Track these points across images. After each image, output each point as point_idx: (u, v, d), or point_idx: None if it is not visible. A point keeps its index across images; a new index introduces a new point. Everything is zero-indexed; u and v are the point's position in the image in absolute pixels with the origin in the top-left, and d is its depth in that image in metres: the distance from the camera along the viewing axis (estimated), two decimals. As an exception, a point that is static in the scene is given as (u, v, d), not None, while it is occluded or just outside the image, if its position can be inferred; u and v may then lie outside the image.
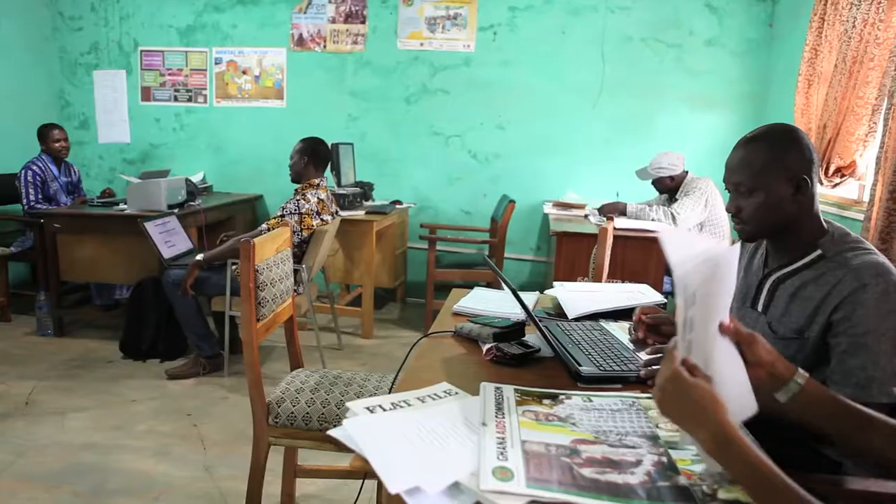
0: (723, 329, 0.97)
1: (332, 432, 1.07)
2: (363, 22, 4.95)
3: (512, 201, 4.34)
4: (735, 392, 0.95)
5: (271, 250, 2.00)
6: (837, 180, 3.40)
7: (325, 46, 5.01)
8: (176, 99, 5.22)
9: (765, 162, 1.31)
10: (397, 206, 4.54)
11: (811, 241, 1.33)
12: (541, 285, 4.68)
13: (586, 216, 4.05)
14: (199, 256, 3.25)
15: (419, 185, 5.01)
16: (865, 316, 1.21)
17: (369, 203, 4.47)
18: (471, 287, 2.12)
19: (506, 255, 4.73)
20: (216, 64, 5.14)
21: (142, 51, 5.18)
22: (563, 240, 3.45)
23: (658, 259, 3.40)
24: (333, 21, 4.98)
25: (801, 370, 1.04)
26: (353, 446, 1.01)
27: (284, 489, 2.21)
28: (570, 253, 3.41)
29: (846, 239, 1.31)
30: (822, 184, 3.47)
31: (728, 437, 0.85)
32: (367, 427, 1.06)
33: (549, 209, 4.29)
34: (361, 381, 2.00)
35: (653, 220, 3.71)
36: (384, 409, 1.14)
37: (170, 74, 5.20)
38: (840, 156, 3.29)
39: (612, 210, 3.88)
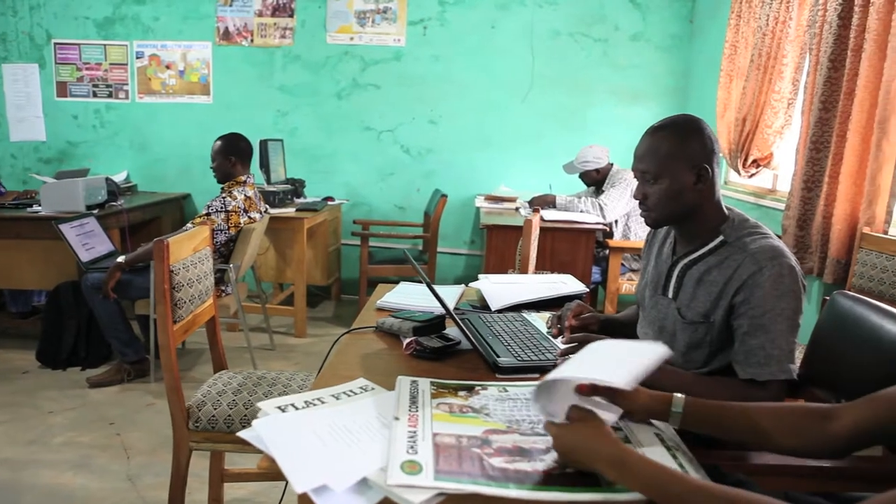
0: (580, 391, 1.04)
1: (242, 433, 1.04)
2: (291, 15, 4.85)
3: (444, 195, 4.35)
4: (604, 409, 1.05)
5: (188, 250, 1.94)
6: (754, 171, 3.55)
7: (252, 40, 4.89)
8: (95, 95, 5.00)
9: (669, 150, 1.34)
10: (329, 203, 4.49)
11: (714, 227, 1.38)
12: (474, 279, 4.70)
13: (517, 209, 4.10)
14: (120, 259, 3.12)
15: (352, 181, 4.96)
16: (763, 297, 1.26)
17: (301, 200, 4.40)
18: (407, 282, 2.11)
19: (440, 249, 4.74)
20: (137, 58, 4.95)
21: (55, 43, 4.93)
22: (493, 233, 3.48)
23: (586, 250, 3.47)
24: (260, 14, 4.86)
25: (676, 397, 1.08)
26: (262, 446, 0.99)
27: (211, 494, 2.15)
28: (499, 245, 3.44)
29: (745, 224, 1.37)
30: (739, 174, 3.62)
31: (621, 456, 0.91)
32: (276, 427, 1.04)
33: (480, 203, 4.32)
34: (286, 381, 1.96)
35: (581, 211, 3.79)
36: (296, 408, 1.12)
37: (87, 69, 4.97)
38: (758, 148, 3.43)
39: (541, 202, 3.94)
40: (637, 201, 1.43)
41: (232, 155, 3.32)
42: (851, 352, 1.44)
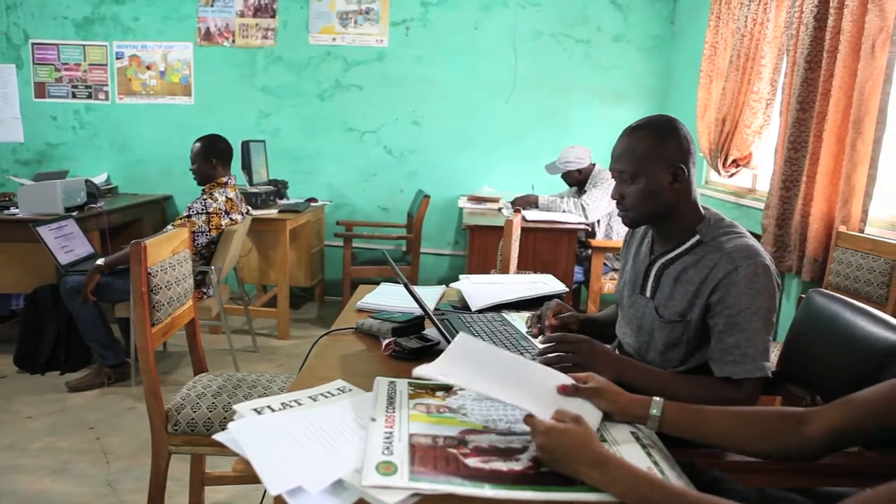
0: (561, 391, 1.09)
1: (218, 436, 1.04)
2: (273, 16, 4.83)
3: (427, 196, 4.35)
4: (588, 414, 1.07)
5: (167, 252, 1.92)
6: (734, 170, 3.58)
7: (233, 41, 4.86)
8: (74, 95, 4.94)
9: (645, 151, 1.35)
10: (312, 204, 4.47)
11: (690, 227, 1.39)
12: (458, 279, 4.70)
13: (500, 209, 4.10)
14: (100, 261, 3.09)
15: (335, 182, 4.95)
16: (738, 296, 1.28)
17: (283, 201, 4.38)
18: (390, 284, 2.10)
19: (424, 249, 4.74)
20: (117, 59, 4.90)
21: (33, 44, 4.87)
22: (476, 233, 3.48)
23: (569, 249, 3.49)
24: (242, 15, 4.84)
25: (654, 400, 1.10)
26: (237, 449, 0.99)
27: (192, 498, 2.13)
28: (482, 246, 3.44)
29: (721, 224, 1.38)
30: (719, 174, 3.65)
31: (602, 460, 0.92)
32: (252, 429, 1.03)
33: (463, 203, 4.32)
34: (266, 384, 1.95)
35: (564, 211, 3.81)
36: (273, 410, 1.11)
37: (66, 69, 4.91)
38: (737, 148, 3.47)
39: (524, 202, 3.95)
40: (613, 199, 1.44)
41: (212, 157, 3.29)
42: (826, 349, 1.46)
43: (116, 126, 4.96)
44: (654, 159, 1.35)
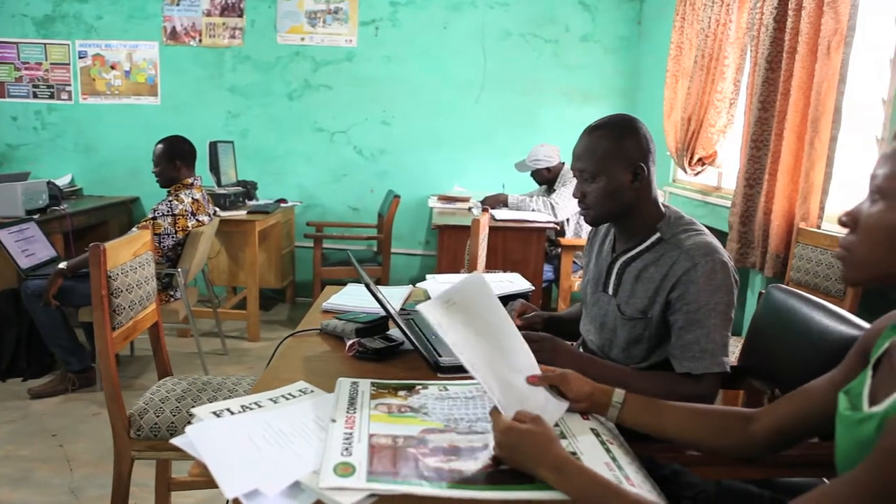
0: (530, 382, 1.11)
1: (175, 440, 1.02)
2: (240, 15, 4.78)
3: (397, 196, 4.34)
4: (552, 408, 1.10)
5: (128, 254, 1.89)
6: (700, 168, 3.63)
7: (200, 41, 4.79)
8: (35, 95, 4.83)
9: (606, 149, 1.37)
10: (282, 205, 4.43)
11: (651, 225, 1.41)
12: (431, 279, 4.71)
13: (470, 209, 4.11)
14: (62, 265, 3.02)
15: (305, 182, 4.91)
16: (697, 293, 1.30)
17: (253, 203, 4.33)
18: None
19: (395, 250, 4.73)
20: (80, 58, 4.80)
21: (-8, 43, 4.76)
22: (445, 233, 3.48)
23: (538, 248, 3.51)
24: (209, 14, 4.78)
25: (617, 390, 1.13)
26: (193, 453, 0.98)
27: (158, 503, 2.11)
28: (452, 245, 3.45)
29: (680, 222, 1.40)
30: (686, 172, 3.70)
31: (562, 463, 0.92)
32: (210, 432, 1.02)
33: (433, 203, 4.32)
34: (232, 386, 1.93)
35: (533, 210, 3.83)
36: (232, 413, 1.10)
37: (26, 69, 4.80)
38: (703, 146, 3.51)
39: (494, 202, 3.97)
40: (574, 198, 1.45)
41: (176, 158, 3.25)
42: (784, 343, 1.49)
43: (80, 127, 4.86)
44: (614, 158, 1.37)
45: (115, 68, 4.83)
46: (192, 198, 3.26)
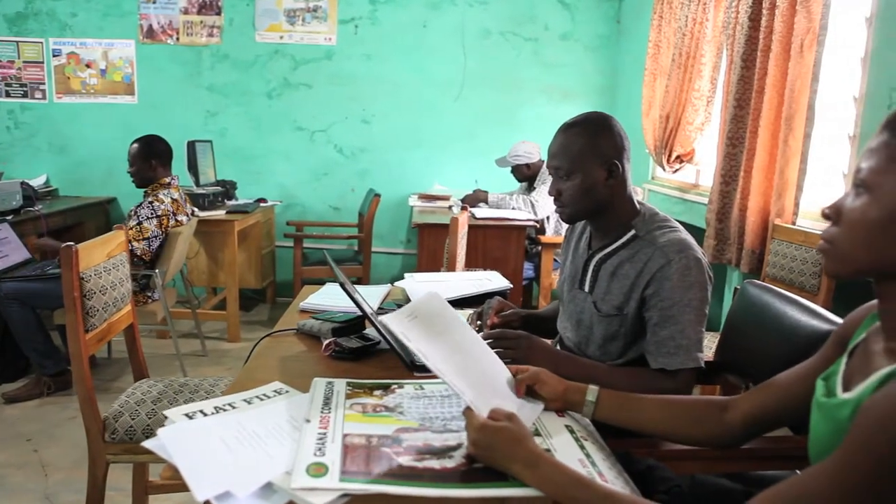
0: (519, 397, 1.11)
1: (147, 443, 1.01)
2: (218, 13, 4.73)
3: (377, 195, 4.33)
4: (527, 412, 1.10)
5: (101, 255, 1.87)
6: (678, 166, 3.67)
7: (178, 39, 4.74)
8: (8, 94, 4.75)
9: (581, 147, 1.37)
10: (262, 205, 4.40)
11: (626, 222, 1.42)
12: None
13: (451, 207, 4.11)
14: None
15: (285, 181, 4.88)
16: (671, 289, 1.31)
17: (232, 202, 4.30)
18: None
19: (376, 248, 4.72)
20: (54, 56, 4.73)
21: (-38, 41, 4.67)
22: (425, 231, 3.48)
23: (517, 246, 3.52)
24: (186, 12, 4.72)
25: (591, 387, 1.13)
26: (165, 455, 0.97)
27: (135, 507, 2.08)
28: (431, 244, 3.45)
29: (655, 219, 1.41)
30: (664, 169, 3.73)
31: (535, 459, 0.92)
32: (182, 434, 1.01)
33: (414, 202, 4.32)
34: (209, 387, 1.92)
35: (513, 208, 3.84)
36: (205, 414, 1.09)
37: (-1, 67, 4.72)
38: (681, 144, 3.54)
39: (474, 200, 3.98)
40: (550, 195, 1.45)
41: (151, 158, 3.21)
42: (759, 338, 1.50)
43: (55, 126, 4.78)
44: (589, 156, 1.37)
45: (90, 67, 4.76)
46: (171, 197, 3.23)
